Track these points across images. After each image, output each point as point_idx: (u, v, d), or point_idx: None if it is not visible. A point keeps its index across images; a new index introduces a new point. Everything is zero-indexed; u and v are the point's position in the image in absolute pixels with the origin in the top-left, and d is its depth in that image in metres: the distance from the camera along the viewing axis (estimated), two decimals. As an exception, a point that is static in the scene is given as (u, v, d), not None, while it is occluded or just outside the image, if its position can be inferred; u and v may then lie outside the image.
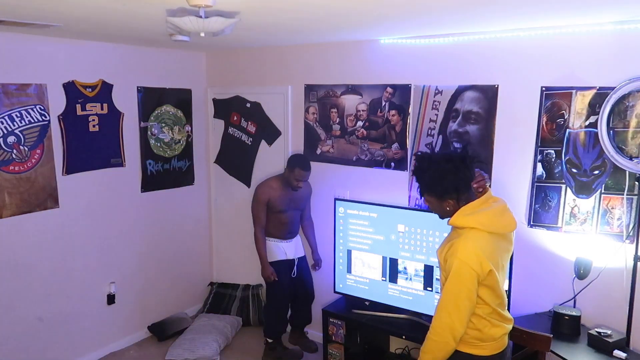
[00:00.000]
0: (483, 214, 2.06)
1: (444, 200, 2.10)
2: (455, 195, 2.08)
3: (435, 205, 2.15)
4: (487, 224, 2.04)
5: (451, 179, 2.06)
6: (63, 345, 3.60)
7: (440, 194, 2.09)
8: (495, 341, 2.10)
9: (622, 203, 2.68)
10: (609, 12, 2.36)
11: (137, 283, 4.08)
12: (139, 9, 2.28)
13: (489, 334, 2.08)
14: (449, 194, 2.08)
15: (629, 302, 2.65)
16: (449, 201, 2.10)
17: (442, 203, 2.11)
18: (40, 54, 3.28)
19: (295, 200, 3.66)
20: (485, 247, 2.01)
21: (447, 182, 2.06)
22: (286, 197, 3.61)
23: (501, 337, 2.13)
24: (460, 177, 2.06)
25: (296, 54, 3.85)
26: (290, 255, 3.74)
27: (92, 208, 3.69)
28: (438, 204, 2.13)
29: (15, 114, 3.17)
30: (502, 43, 2.95)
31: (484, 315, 2.07)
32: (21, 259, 3.32)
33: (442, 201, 2.11)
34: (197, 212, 4.52)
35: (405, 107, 3.37)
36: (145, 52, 3.91)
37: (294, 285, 3.76)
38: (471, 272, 1.97)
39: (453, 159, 2.11)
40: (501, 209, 2.13)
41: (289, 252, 3.73)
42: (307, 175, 3.53)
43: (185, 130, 4.31)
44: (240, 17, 2.44)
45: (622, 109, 2.59)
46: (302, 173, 3.48)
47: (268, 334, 3.76)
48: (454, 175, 2.06)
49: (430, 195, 2.13)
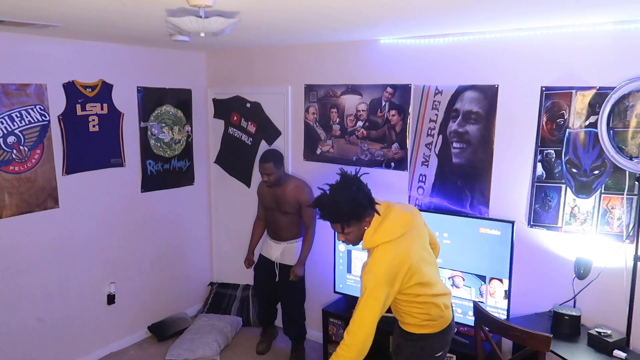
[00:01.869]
0: (384, 226, 2.17)
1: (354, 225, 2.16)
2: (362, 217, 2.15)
3: (357, 233, 2.21)
4: (392, 234, 2.16)
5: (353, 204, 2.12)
6: (63, 346, 3.60)
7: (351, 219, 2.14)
8: (442, 318, 2.32)
9: (622, 203, 2.68)
10: (609, 12, 2.36)
11: (137, 283, 4.08)
12: (139, 9, 2.28)
13: (436, 313, 2.29)
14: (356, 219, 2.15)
15: (629, 302, 2.65)
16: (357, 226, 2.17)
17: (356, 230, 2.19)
18: (40, 54, 3.28)
19: (278, 201, 3.58)
20: (399, 253, 2.14)
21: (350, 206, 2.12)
22: (268, 194, 3.62)
23: (446, 312, 2.33)
24: (361, 198, 2.13)
25: (296, 54, 3.85)
26: (273, 257, 3.71)
27: (92, 208, 3.69)
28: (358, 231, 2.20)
29: (15, 114, 3.17)
30: (502, 43, 2.95)
31: (427, 300, 2.25)
32: (21, 259, 3.32)
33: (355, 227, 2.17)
34: (197, 212, 4.52)
35: (405, 107, 3.37)
36: (145, 52, 3.91)
37: (274, 289, 3.76)
38: (382, 288, 2.10)
39: (345, 187, 2.16)
40: (396, 214, 2.22)
41: (273, 253, 3.70)
42: (261, 167, 3.49)
43: (185, 131, 4.31)
44: (240, 17, 2.44)
45: (622, 109, 2.59)
46: (259, 166, 3.51)
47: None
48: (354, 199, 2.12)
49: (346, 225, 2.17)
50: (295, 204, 3.56)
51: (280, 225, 3.64)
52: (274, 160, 3.49)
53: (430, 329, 2.31)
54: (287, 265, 3.65)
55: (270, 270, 3.72)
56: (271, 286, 3.75)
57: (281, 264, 3.67)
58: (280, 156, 3.59)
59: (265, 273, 3.75)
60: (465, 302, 3.08)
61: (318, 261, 3.94)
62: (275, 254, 3.69)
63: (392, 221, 2.20)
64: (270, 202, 3.63)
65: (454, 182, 3.23)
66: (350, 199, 2.12)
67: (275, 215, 3.64)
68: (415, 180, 3.40)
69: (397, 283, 2.14)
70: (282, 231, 3.66)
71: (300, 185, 3.60)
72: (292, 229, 3.65)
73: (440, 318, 2.31)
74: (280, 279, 3.69)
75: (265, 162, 3.47)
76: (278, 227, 3.66)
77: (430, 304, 2.26)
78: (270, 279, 3.72)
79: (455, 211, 3.21)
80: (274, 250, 3.71)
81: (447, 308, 2.35)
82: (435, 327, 2.32)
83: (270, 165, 3.47)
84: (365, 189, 2.20)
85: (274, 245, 3.71)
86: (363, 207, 2.15)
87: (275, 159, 3.51)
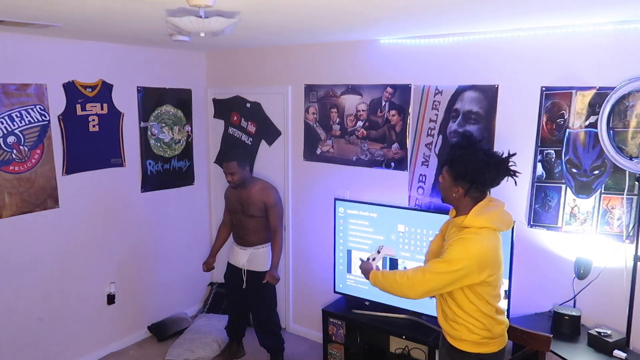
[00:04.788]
0: (492, 212, 2.10)
1: (456, 183, 2.10)
2: (468, 185, 2.08)
3: (446, 185, 2.15)
4: (497, 222, 2.10)
5: (476, 169, 2.05)
6: (63, 345, 3.60)
7: (457, 176, 2.09)
8: (502, 336, 2.20)
9: (622, 203, 2.68)
10: (609, 12, 2.36)
11: (137, 283, 4.08)
12: (139, 9, 2.28)
13: (497, 332, 2.16)
14: (464, 181, 2.08)
15: (629, 302, 2.65)
16: (459, 188, 2.10)
17: (453, 186, 2.12)
18: (40, 54, 3.28)
19: (243, 203, 3.47)
20: (494, 246, 2.08)
21: (471, 168, 2.05)
22: (234, 197, 3.53)
23: (505, 331, 2.22)
24: (485, 174, 2.06)
25: (296, 54, 3.85)
26: (239, 263, 3.57)
27: (92, 208, 3.69)
28: (449, 185, 2.14)
29: (15, 114, 3.17)
30: (502, 43, 2.95)
31: (490, 314, 2.13)
32: (21, 259, 3.32)
33: (454, 184, 2.11)
34: (197, 212, 4.52)
35: (405, 107, 3.37)
36: (145, 52, 3.91)
37: (242, 297, 3.62)
38: (475, 274, 2.03)
39: (492, 156, 2.11)
40: (503, 208, 2.19)
41: (240, 259, 3.57)
42: (224, 167, 3.41)
43: (185, 130, 4.31)
44: (240, 17, 2.44)
45: (622, 109, 2.59)
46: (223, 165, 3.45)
47: None
48: (482, 168, 2.05)
49: (447, 172, 2.13)
50: (261, 205, 3.45)
51: (247, 230, 3.51)
52: (238, 159, 3.39)
53: (489, 347, 2.15)
54: (255, 271, 3.52)
55: (237, 277, 3.59)
56: (239, 294, 3.60)
57: (248, 270, 3.54)
58: (245, 156, 3.51)
59: (233, 281, 3.63)
60: (465, 302, 3.07)
61: (318, 261, 3.95)
62: (242, 260, 3.56)
63: (501, 213, 2.14)
64: (235, 205, 3.52)
65: (454, 182, 3.22)
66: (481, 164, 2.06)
67: (241, 219, 3.52)
68: (415, 180, 3.40)
69: (485, 273, 2.03)
70: (249, 236, 3.52)
71: (266, 187, 3.51)
72: (259, 233, 3.52)
73: (499, 336, 2.18)
74: (248, 286, 3.55)
75: (229, 161, 3.38)
76: (244, 232, 3.53)
77: (492, 319, 2.13)
78: (238, 287, 3.58)
79: (455, 211, 3.21)
80: (240, 257, 3.57)
81: (505, 327, 2.22)
82: (493, 346, 2.16)
83: (234, 165, 3.37)
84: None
85: (240, 251, 3.58)
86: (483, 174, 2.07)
87: (240, 158, 3.41)
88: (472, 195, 2.11)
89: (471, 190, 2.09)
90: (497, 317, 2.16)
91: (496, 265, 2.10)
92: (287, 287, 4.18)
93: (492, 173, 2.07)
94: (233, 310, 3.77)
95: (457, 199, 2.13)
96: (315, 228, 3.90)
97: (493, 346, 2.16)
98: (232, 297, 3.73)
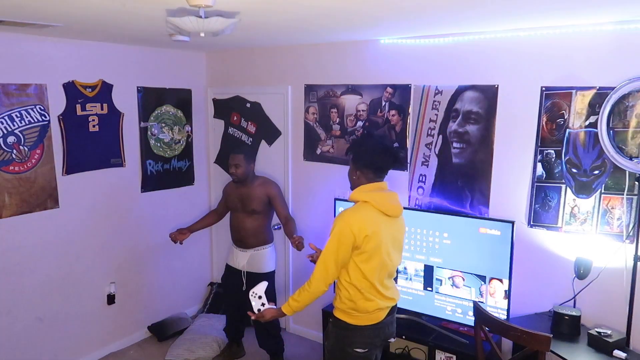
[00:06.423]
0: (376, 193, 2.36)
1: (355, 166, 2.41)
2: (364, 170, 2.37)
3: (349, 170, 2.45)
4: (378, 202, 2.33)
5: (366, 151, 2.39)
6: (63, 345, 3.60)
7: (354, 159, 2.41)
8: (368, 313, 2.35)
9: (622, 203, 2.68)
10: (609, 12, 2.36)
11: (137, 283, 4.09)
12: (139, 9, 2.28)
13: (362, 307, 2.33)
14: (359, 163, 2.38)
15: (629, 302, 2.65)
16: (357, 171, 2.40)
17: (353, 170, 2.42)
18: (40, 54, 3.28)
19: (244, 199, 3.46)
20: (372, 219, 2.29)
21: (363, 151, 2.40)
22: (234, 193, 3.53)
23: (374, 311, 2.35)
24: (374, 156, 2.37)
25: (296, 54, 3.85)
26: (239, 265, 3.56)
27: (92, 208, 3.69)
28: (351, 169, 2.44)
29: (15, 114, 3.17)
30: (502, 43, 2.95)
31: (360, 288, 2.31)
32: (21, 259, 3.32)
33: (354, 167, 2.41)
34: (197, 212, 4.52)
35: (405, 107, 3.37)
36: (145, 52, 3.91)
37: (242, 300, 3.42)
38: (349, 232, 2.25)
39: (383, 144, 2.56)
40: (392, 195, 2.42)
41: (239, 262, 3.56)
42: (231, 158, 3.43)
43: (185, 131, 4.31)
44: (240, 17, 2.44)
45: (622, 109, 2.59)
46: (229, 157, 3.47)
47: None
48: (372, 151, 2.39)
49: (350, 160, 2.44)
50: (264, 198, 3.45)
51: (246, 232, 3.49)
52: (245, 153, 3.45)
53: (353, 319, 2.36)
54: (255, 273, 3.50)
55: (237, 279, 3.56)
56: (238, 296, 3.53)
57: (248, 272, 3.52)
58: (252, 153, 3.58)
59: (232, 283, 3.60)
60: (465, 302, 3.08)
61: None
62: (242, 262, 3.54)
63: (386, 196, 2.38)
64: (235, 202, 3.51)
65: (454, 182, 3.23)
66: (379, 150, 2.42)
67: (240, 218, 3.51)
68: (415, 180, 3.40)
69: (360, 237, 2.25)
70: (248, 238, 3.50)
71: (268, 180, 3.56)
72: (258, 235, 3.51)
73: (364, 312, 2.34)
74: (248, 288, 3.42)
75: (237, 153, 3.43)
76: (243, 233, 3.51)
77: (360, 294, 2.31)
78: (238, 288, 3.55)
79: (455, 211, 3.21)
80: (240, 259, 3.55)
81: (380, 310, 2.37)
82: (358, 319, 2.35)
83: (241, 157, 3.40)
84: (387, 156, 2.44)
85: (240, 253, 3.56)
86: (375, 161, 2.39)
87: (247, 153, 3.49)
88: (367, 177, 2.37)
89: (367, 174, 2.37)
90: (367, 294, 2.32)
91: (374, 238, 2.27)
92: (287, 287, 4.18)
93: (380, 156, 2.38)
94: (231, 312, 3.77)
95: (355, 181, 2.41)
96: (315, 228, 3.89)
97: (359, 320, 2.35)
98: (230, 299, 3.73)
